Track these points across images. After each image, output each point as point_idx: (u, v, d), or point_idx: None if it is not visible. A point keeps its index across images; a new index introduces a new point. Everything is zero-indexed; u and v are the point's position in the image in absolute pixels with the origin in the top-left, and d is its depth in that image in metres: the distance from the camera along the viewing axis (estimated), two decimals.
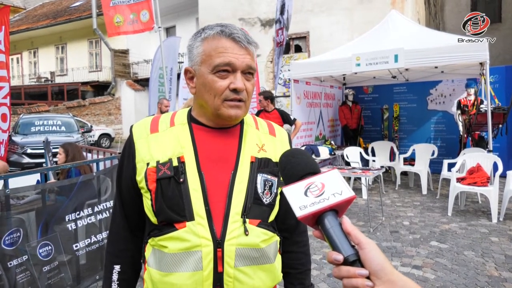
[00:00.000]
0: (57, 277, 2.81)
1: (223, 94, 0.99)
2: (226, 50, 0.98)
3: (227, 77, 0.99)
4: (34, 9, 25.99)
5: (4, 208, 2.55)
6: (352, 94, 8.43)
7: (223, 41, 0.99)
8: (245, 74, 1.01)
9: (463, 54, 5.44)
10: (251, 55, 1.02)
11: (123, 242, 1.13)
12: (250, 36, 1.03)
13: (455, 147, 7.58)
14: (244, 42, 1.00)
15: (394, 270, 0.56)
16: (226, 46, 0.98)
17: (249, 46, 1.01)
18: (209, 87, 1.00)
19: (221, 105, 1.00)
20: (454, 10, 16.39)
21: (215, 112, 1.02)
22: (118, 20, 7.16)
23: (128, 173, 1.07)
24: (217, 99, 1.00)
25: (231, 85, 0.99)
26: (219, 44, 0.99)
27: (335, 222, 0.61)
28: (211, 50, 0.99)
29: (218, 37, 0.99)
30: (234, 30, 1.00)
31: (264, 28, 12.39)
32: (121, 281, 1.11)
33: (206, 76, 1.00)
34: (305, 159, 0.71)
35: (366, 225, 4.88)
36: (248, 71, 1.01)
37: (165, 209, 0.98)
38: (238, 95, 1.00)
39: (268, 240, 1.04)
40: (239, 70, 0.99)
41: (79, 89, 19.34)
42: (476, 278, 3.35)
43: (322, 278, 3.42)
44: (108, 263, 1.13)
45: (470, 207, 5.67)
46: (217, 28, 1.00)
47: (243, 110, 1.04)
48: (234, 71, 0.99)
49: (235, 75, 0.99)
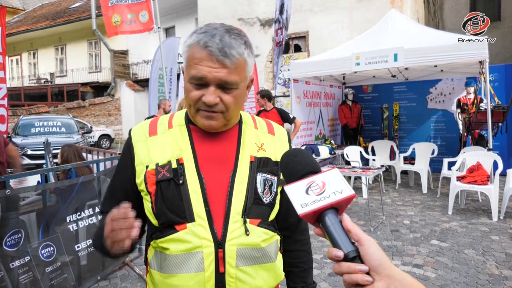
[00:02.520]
0: (60, 278, 2.82)
1: (197, 105, 0.99)
2: (200, 62, 0.94)
3: (200, 88, 0.97)
4: (33, 10, 26.00)
5: (5, 209, 2.56)
6: (352, 93, 8.43)
7: (198, 51, 0.94)
8: (222, 88, 0.96)
9: (462, 52, 5.45)
10: (228, 68, 0.94)
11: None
12: (232, 47, 0.94)
13: (455, 146, 7.58)
14: (218, 55, 0.92)
15: (392, 266, 0.57)
16: (200, 57, 0.94)
17: (225, 60, 0.92)
18: (186, 94, 1.00)
19: (196, 114, 1.00)
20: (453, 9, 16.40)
21: (194, 120, 1.03)
22: (116, 19, 7.17)
23: (126, 175, 1.07)
24: (192, 108, 1.00)
25: (203, 97, 0.96)
26: (195, 55, 0.95)
27: (336, 219, 0.62)
28: (189, 59, 0.97)
29: (195, 46, 0.95)
30: (211, 40, 0.93)
31: (264, 28, 12.39)
32: None
33: (185, 83, 1.00)
34: (306, 159, 0.72)
35: (366, 224, 4.88)
36: (223, 85, 0.95)
37: (166, 211, 0.98)
38: (210, 108, 0.97)
39: (269, 239, 1.04)
40: (212, 85, 0.95)
41: (79, 90, 19.36)
42: (477, 277, 3.35)
43: (323, 277, 3.43)
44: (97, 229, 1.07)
45: (470, 205, 5.68)
46: (199, 35, 0.95)
47: (219, 121, 1.00)
48: (207, 85, 0.96)
49: (207, 89, 0.96)
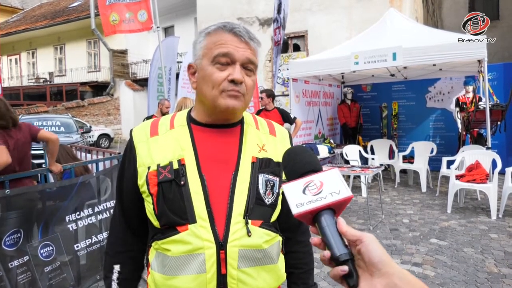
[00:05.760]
0: (59, 278, 2.82)
1: (221, 85, 0.99)
2: (226, 42, 0.99)
3: (226, 69, 0.99)
4: (32, 10, 25.93)
5: (5, 209, 2.56)
6: (351, 92, 8.44)
7: (225, 35, 1.00)
8: (245, 69, 1.01)
9: (461, 51, 5.45)
10: (252, 50, 1.02)
11: (122, 244, 1.13)
12: (253, 34, 1.04)
13: (454, 145, 7.59)
14: (245, 36, 1.00)
15: (393, 263, 0.57)
16: (226, 39, 0.99)
17: (250, 42, 1.01)
18: (208, 78, 1.00)
19: (219, 96, 0.99)
20: (452, 8, 16.41)
21: (213, 104, 1.01)
22: (114, 18, 7.16)
23: (129, 177, 1.06)
24: (215, 90, 0.99)
25: (229, 76, 0.98)
26: (220, 38, 1.00)
27: (332, 221, 0.61)
28: (212, 43, 1.00)
29: (219, 31, 1.00)
30: (235, 25, 1.01)
31: (263, 27, 12.39)
32: (121, 281, 1.12)
33: (206, 68, 1.01)
34: (307, 157, 0.71)
35: (366, 223, 4.89)
36: (248, 65, 1.01)
37: (167, 212, 0.97)
38: (236, 87, 0.99)
39: (271, 240, 1.04)
40: (238, 62, 0.99)
41: (78, 90, 19.33)
42: (476, 275, 3.36)
43: (323, 276, 3.44)
44: (108, 264, 1.13)
45: (469, 204, 5.69)
46: (220, 24, 1.02)
47: (242, 103, 1.02)
48: (233, 63, 0.99)
49: (234, 66, 0.99)
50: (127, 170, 1.08)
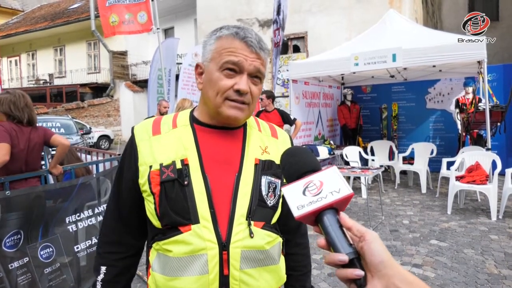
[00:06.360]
0: (59, 279, 2.82)
1: (226, 93, 0.99)
2: (237, 50, 0.98)
3: (233, 77, 0.99)
4: (32, 11, 25.95)
5: (5, 210, 2.55)
6: (350, 93, 8.44)
7: (236, 42, 0.99)
8: (252, 78, 1.01)
9: (461, 52, 5.46)
10: (261, 60, 1.01)
11: (111, 245, 1.11)
12: (264, 42, 1.02)
13: (454, 146, 7.59)
14: (256, 47, 0.99)
15: (394, 263, 0.56)
16: (237, 47, 0.98)
17: (261, 52, 1.01)
18: (214, 84, 1.00)
19: (222, 104, 0.99)
20: (452, 9, 16.42)
21: (216, 110, 1.01)
22: (113, 20, 7.16)
23: (129, 175, 1.05)
24: (219, 97, 0.99)
25: (235, 85, 0.98)
26: (231, 45, 0.99)
27: (334, 220, 0.61)
28: (222, 48, 0.99)
29: (231, 37, 0.99)
30: (248, 34, 1.00)
31: (262, 28, 12.40)
32: (104, 282, 1.10)
33: (213, 73, 1.00)
34: (304, 157, 0.71)
35: (366, 224, 4.88)
36: (256, 74, 1.01)
37: (170, 212, 0.96)
38: (241, 97, 0.99)
39: (272, 241, 1.04)
40: (246, 72, 0.99)
41: (78, 91, 19.32)
42: (476, 276, 3.36)
43: (323, 277, 3.43)
44: (96, 264, 1.12)
45: (469, 205, 5.69)
46: (233, 29, 1.00)
47: (245, 113, 1.02)
48: (241, 72, 0.99)
49: (242, 76, 0.99)
50: (127, 168, 1.06)
